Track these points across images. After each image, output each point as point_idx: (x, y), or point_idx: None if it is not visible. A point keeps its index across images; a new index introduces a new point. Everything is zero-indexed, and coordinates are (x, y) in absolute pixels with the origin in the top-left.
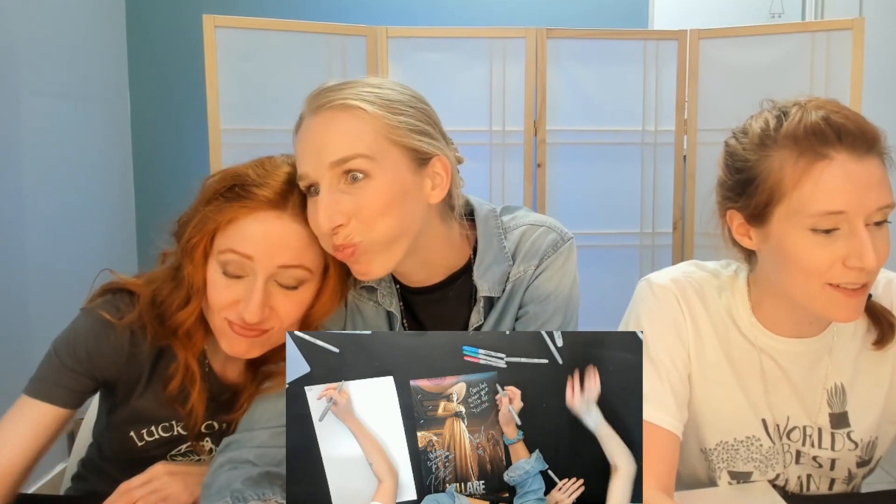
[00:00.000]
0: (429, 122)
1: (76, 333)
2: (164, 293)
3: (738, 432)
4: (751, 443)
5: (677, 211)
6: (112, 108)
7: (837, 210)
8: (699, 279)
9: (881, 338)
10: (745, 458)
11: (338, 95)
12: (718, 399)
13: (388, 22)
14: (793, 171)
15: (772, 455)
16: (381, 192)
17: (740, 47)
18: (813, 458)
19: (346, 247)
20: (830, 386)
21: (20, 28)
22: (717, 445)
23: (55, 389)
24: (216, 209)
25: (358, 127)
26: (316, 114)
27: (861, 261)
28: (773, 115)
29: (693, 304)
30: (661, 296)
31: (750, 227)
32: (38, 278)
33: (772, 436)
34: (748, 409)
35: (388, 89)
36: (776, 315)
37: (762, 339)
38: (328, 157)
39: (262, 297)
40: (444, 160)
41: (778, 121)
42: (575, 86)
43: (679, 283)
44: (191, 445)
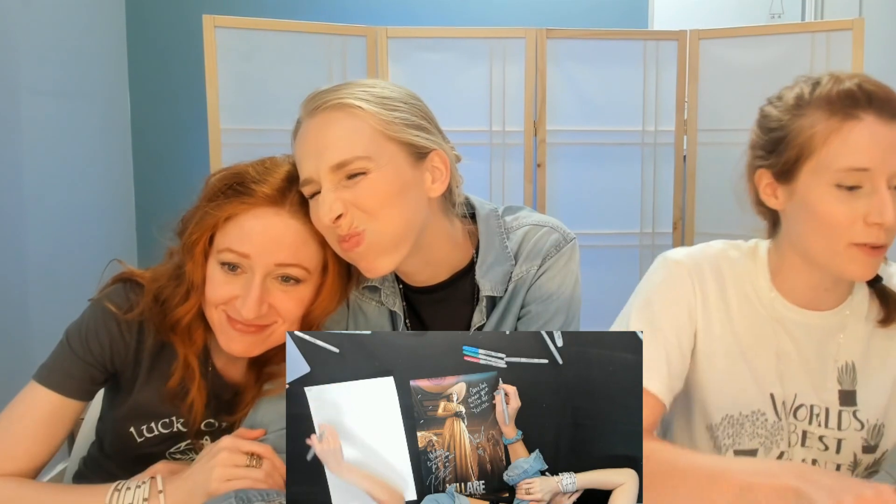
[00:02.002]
0: (424, 118)
1: (87, 324)
2: (167, 290)
3: (744, 406)
4: (756, 417)
5: (677, 211)
6: (112, 108)
7: (862, 167)
8: (715, 252)
9: (887, 317)
10: (750, 434)
11: (333, 96)
12: (726, 372)
13: (388, 22)
14: (824, 128)
15: (776, 431)
16: (379, 184)
17: (740, 47)
18: (819, 439)
19: (352, 236)
20: (842, 364)
21: (20, 28)
22: (722, 420)
23: (68, 381)
24: (216, 206)
25: (354, 125)
26: (312, 116)
27: (881, 216)
28: (807, 84)
29: (705, 279)
30: (673, 271)
31: (777, 184)
32: (38, 277)
33: (779, 412)
34: (755, 384)
35: (382, 87)
36: (795, 281)
37: (780, 309)
38: (328, 161)
39: (260, 293)
40: (442, 154)
41: (812, 87)
42: (575, 86)
43: (693, 257)
44: (190, 443)
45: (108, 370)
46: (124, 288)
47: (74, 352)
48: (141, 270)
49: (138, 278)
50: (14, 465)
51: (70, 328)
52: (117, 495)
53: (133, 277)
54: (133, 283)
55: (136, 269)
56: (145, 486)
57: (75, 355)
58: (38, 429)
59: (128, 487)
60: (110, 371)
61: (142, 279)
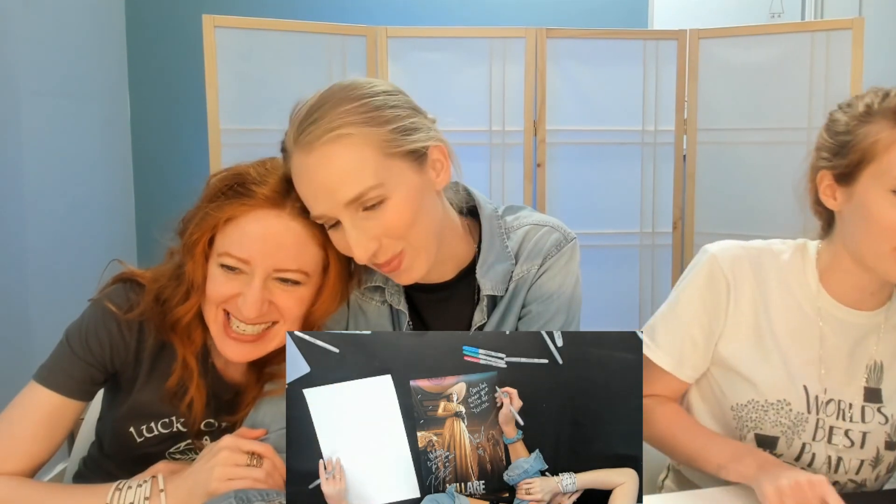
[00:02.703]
0: (411, 113)
1: (87, 324)
2: (168, 290)
3: (771, 394)
4: (781, 406)
5: (677, 211)
6: (112, 108)
7: None
8: (760, 247)
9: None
10: (773, 422)
11: (323, 128)
12: (757, 361)
13: (388, 22)
14: (888, 136)
15: (800, 423)
16: (400, 206)
17: (740, 47)
18: (845, 434)
19: (392, 260)
20: (871, 362)
21: (20, 28)
22: (748, 402)
23: (68, 381)
24: (216, 207)
25: (357, 156)
26: (308, 152)
27: None
28: (877, 94)
29: (743, 272)
30: (709, 266)
31: (837, 186)
32: (38, 278)
33: (810, 404)
34: (787, 375)
35: (363, 99)
36: (844, 281)
37: (826, 306)
38: (342, 198)
39: (261, 292)
40: (440, 146)
41: (882, 98)
42: (575, 86)
43: (733, 255)
44: (190, 443)
45: (108, 370)
46: (124, 288)
47: (74, 352)
48: (141, 270)
49: (139, 278)
50: (13, 465)
51: (70, 328)
52: (118, 494)
53: (133, 277)
54: (133, 283)
55: (137, 269)
56: (146, 485)
57: (75, 355)
58: (38, 429)
59: (129, 486)
60: (110, 371)
61: (142, 279)
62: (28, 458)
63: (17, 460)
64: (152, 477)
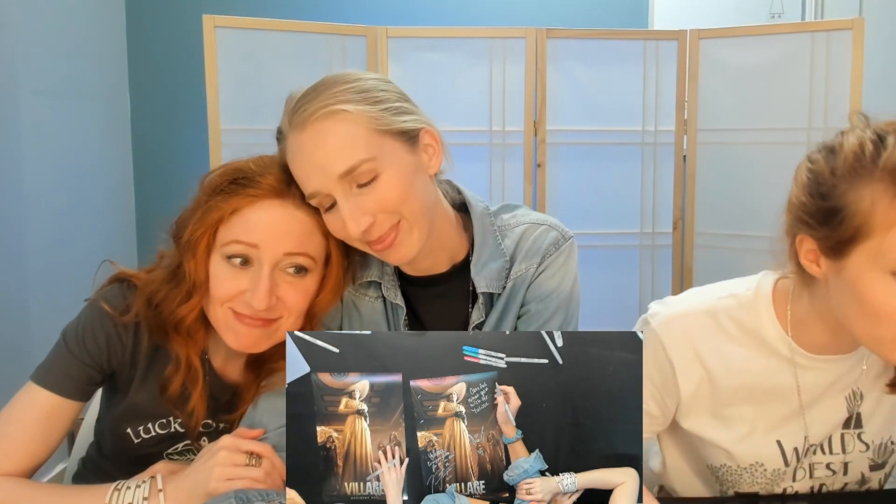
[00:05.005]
0: (403, 99)
1: (84, 324)
2: (161, 295)
3: (743, 460)
4: (755, 468)
5: (677, 211)
6: (112, 108)
7: None
8: (712, 311)
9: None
10: (749, 483)
11: (317, 105)
12: (721, 430)
13: (388, 22)
14: (887, 210)
15: (776, 478)
16: (393, 181)
17: (740, 47)
18: (826, 466)
19: (387, 235)
20: (849, 392)
21: (20, 28)
22: (721, 465)
23: (65, 381)
24: (221, 200)
25: (350, 131)
26: (302, 130)
27: None
28: (868, 138)
29: (687, 356)
30: (652, 346)
31: (822, 256)
32: (38, 277)
33: (788, 458)
34: (756, 439)
35: (357, 81)
36: (819, 337)
37: (797, 359)
38: (335, 171)
39: (269, 283)
40: (431, 130)
41: (875, 148)
42: (575, 86)
43: (678, 331)
44: (188, 444)
45: (105, 370)
46: (121, 288)
47: (71, 352)
48: (135, 271)
49: (133, 279)
50: (11, 465)
51: (67, 328)
52: (117, 495)
53: (128, 278)
54: (129, 283)
55: (130, 270)
56: (145, 485)
57: (72, 355)
58: (36, 429)
59: (128, 487)
60: (107, 371)
61: (136, 280)
62: (26, 458)
63: (15, 460)
64: (151, 477)
